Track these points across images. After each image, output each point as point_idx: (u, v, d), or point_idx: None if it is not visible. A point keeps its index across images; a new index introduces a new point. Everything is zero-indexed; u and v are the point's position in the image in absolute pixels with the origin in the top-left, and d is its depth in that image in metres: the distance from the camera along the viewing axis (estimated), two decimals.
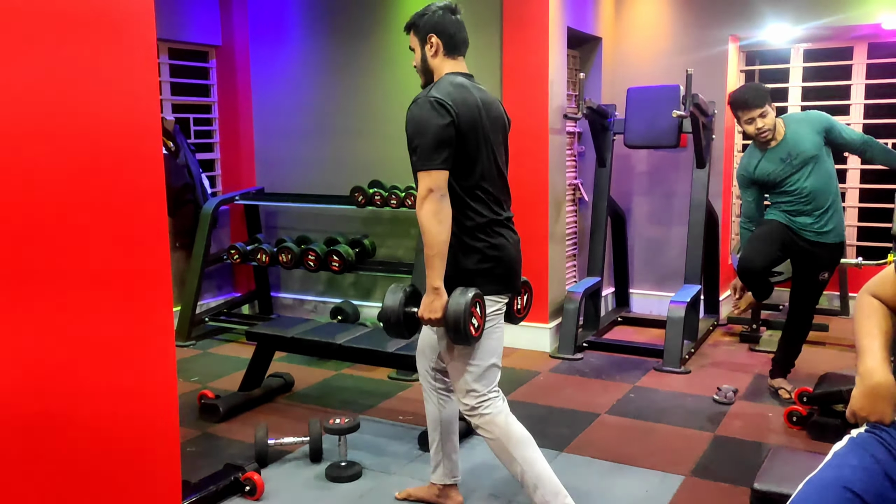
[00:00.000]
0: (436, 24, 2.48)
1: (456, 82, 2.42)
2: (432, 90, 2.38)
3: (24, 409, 1.80)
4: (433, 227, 2.30)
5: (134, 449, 2.06)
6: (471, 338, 2.36)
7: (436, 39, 2.48)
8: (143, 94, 2.02)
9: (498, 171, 2.51)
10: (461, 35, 2.52)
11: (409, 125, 2.38)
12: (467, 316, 2.32)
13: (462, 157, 2.38)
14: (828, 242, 3.70)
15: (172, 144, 5.19)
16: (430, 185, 2.30)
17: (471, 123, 2.38)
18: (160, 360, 2.12)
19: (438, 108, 2.32)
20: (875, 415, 1.64)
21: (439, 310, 2.35)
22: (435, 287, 2.34)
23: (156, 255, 2.08)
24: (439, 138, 2.31)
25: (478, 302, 2.38)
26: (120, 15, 1.95)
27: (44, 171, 1.80)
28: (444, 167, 2.32)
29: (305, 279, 5.73)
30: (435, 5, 2.52)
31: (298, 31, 5.55)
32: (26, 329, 1.78)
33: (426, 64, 2.53)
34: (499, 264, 2.47)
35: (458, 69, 2.51)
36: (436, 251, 2.32)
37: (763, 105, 3.62)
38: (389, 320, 2.46)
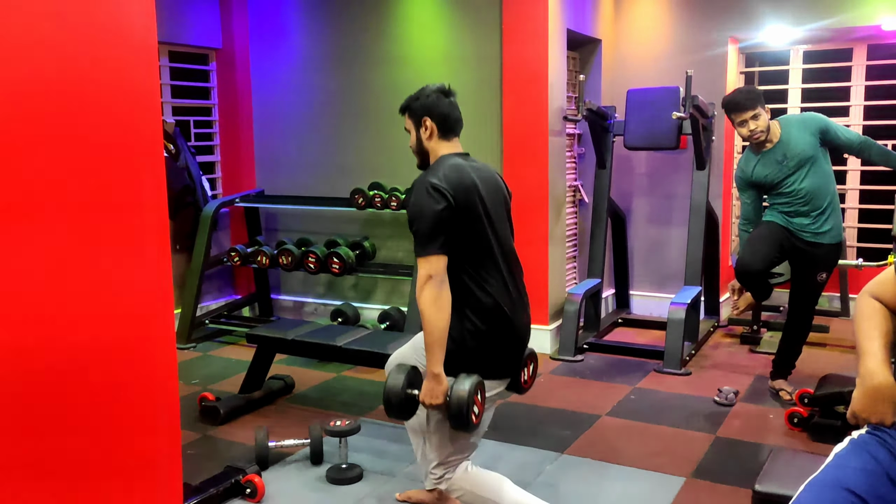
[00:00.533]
0: (430, 106, 2.52)
1: (452, 164, 2.45)
2: (429, 175, 2.41)
3: (24, 409, 1.80)
4: (432, 314, 2.31)
5: (135, 451, 2.06)
6: (471, 425, 2.37)
7: (430, 122, 2.51)
8: (145, 97, 2.02)
9: (503, 246, 2.52)
10: (455, 116, 2.55)
11: (409, 211, 2.43)
12: (470, 405, 2.33)
13: (463, 238, 2.40)
14: (825, 243, 3.71)
15: (173, 147, 5.20)
16: (429, 271, 2.32)
17: (468, 203, 2.40)
18: (161, 363, 2.12)
19: (434, 193, 2.35)
20: (876, 416, 1.64)
21: (441, 396, 2.35)
22: (435, 374, 2.35)
23: (157, 258, 2.09)
24: (436, 224, 2.33)
25: (479, 390, 2.39)
26: (121, 18, 1.95)
27: (44, 174, 1.80)
28: (441, 252, 2.34)
29: (306, 281, 5.73)
30: (429, 88, 2.55)
31: (298, 34, 5.55)
32: (26, 332, 1.78)
33: (421, 146, 2.57)
34: (502, 349, 2.50)
35: (454, 150, 2.54)
36: (435, 338, 2.33)
37: (755, 107, 3.62)
38: (391, 402, 2.45)
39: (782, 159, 3.67)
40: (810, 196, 3.67)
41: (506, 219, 2.60)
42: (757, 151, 3.75)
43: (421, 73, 5.10)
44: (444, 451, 2.53)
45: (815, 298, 3.86)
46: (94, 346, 1.93)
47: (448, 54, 4.99)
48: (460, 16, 4.93)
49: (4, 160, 1.72)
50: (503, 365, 2.53)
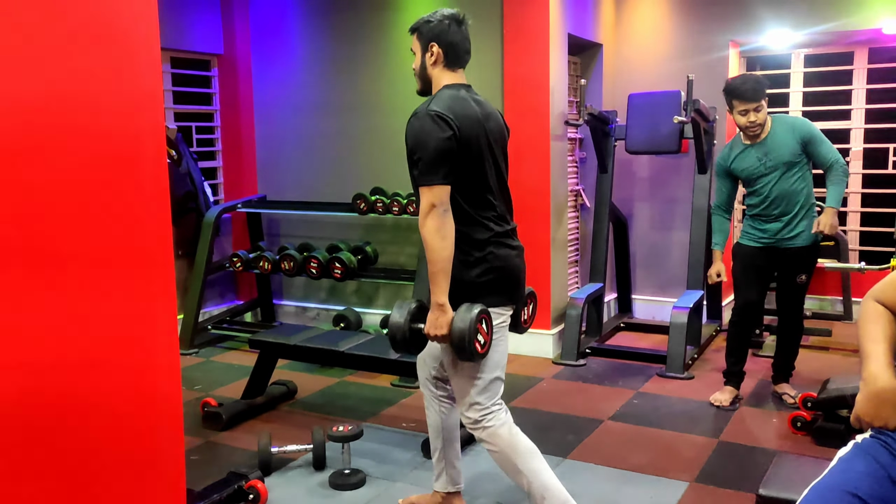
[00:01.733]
0: (440, 33, 2.44)
1: (455, 95, 2.40)
2: (432, 103, 2.35)
3: (29, 416, 1.80)
4: (436, 243, 2.28)
5: (138, 457, 2.06)
6: (476, 355, 2.34)
7: (437, 49, 2.45)
8: (147, 103, 2.03)
9: (500, 182, 2.50)
10: (464, 47, 2.48)
11: (409, 139, 2.35)
12: (473, 333, 2.30)
13: (464, 170, 2.36)
14: (799, 245, 3.73)
15: (175, 153, 5.20)
16: (433, 200, 2.28)
17: (472, 136, 2.35)
18: (164, 369, 2.12)
19: (439, 121, 2.29)
20: (880, 420, 1.63)
21: (445, 326, 2.32)
22: (440, 303, 2.32)
23: (160, 264, 2.09)
24: (440, 152, 2.28)
25: (483, 318, 2.36)
26: (124, 24, 1.96)
27: (47, 180, 1.81)
28: (446, 181, 2.29)
29: (308, 287, 5.73)
30: (441, 13, 2.48)
31: (300, 40, 5.57)
32: (30, 339, 1.78)
33: (424, 71, 2.50)
34: (503, 275, 2.46)
35: (457, 80, 2.48)
36: (439, 267, 2.29)
37: (759, 100, 3.64)
38: (395, 337, 2.43)
39: (763, 157, 3.71)
40: (780, 200, 3.70)
41: (503, 157, 2.54)
42: (744, 142, 3.78)
43: None
44: (468, 390, 2.46)
45: (801, 300, 3.90)
46: (97, 352, 1.93)
47: None
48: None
49: (7, 165, 1.73)
50: (506, 292, 2.48)
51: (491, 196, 2.44)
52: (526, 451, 2.49)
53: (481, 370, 2.45)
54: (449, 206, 2.30)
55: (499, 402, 2.52)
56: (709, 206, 4.93)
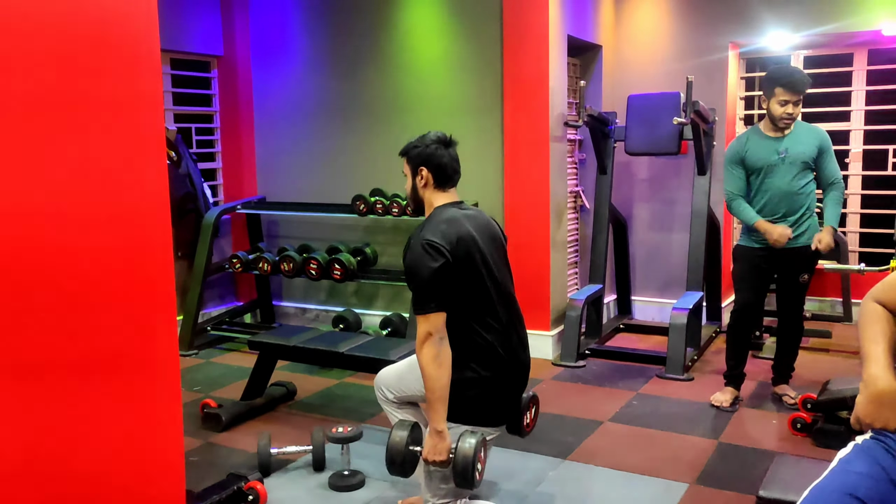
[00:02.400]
0: (428, 156, 2.51)
1: (447, 217, 2.46)
2: (424, 231, 2.42)
3: (32, 418, 1.79)
4: (433, 371, 2.32)
5: (138, 458, 2.06)
6: (475, 483, 2.36)
7: (426, 172, 2.52)
8: (148, 104, 2.03)
9: (502, 292, 2.52)
10: (452, 167, 2.55)
11: (405, 269, 2.44)
12: (475, 463, 2.32)
13: (462, 290, 2.40)
14: (801, 246, 3.72)
15: (174, 154, 5.20)
16: (429, 328, 2.32)
17: (467, 256, 2.41)
18: (164, 370, 2.12)
19: (431, 250, 2.36)
20: (880, 421, 1.63)
21: (444, 452, 2.35)
22: (438, 430, 2.35)
23: (160, 265, 2.09)
24: (433, 281, 2.34)
25: (483, 447, 2.38)
26: (125, 25, 1.96)
27: (45, 182, 1.81)
28: (440, 309, 2.34)
29: (307, 288, 5.73)
30: (429, 137, 2.54)
31: (300, 41, 5.57)
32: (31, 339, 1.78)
33: (416, 193, 2.58)
34: (503, 394, 2.50)
35: (449, 199, 2.55)
36: (437, 395, 2.33)
37: (802, 94, 3.64)
38: (394, 460, 2.44)
39: (782, 151, 3.69)
40: (786, 199, 3.69)
41: (503, 263, 2.60)
42: (766, 133, 3.75)
43: (422, 79, 5.12)
44: (442, 492, 2.52)
45: (802, 300, 3.90)
46: (97, 352, 1.93)
47: (449, 61, 4.99)
48: (461, 22, 4.94)
49: (8, 162, 1.73)
50: (503, 411, 2.54)
51: (492, 308, 2.46)
52: None
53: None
54: (445, 334, 2.35)
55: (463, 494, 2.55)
56: (709, 208, 4.94)
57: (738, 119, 5.69)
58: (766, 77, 3.73)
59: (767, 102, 3.70)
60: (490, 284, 2.47)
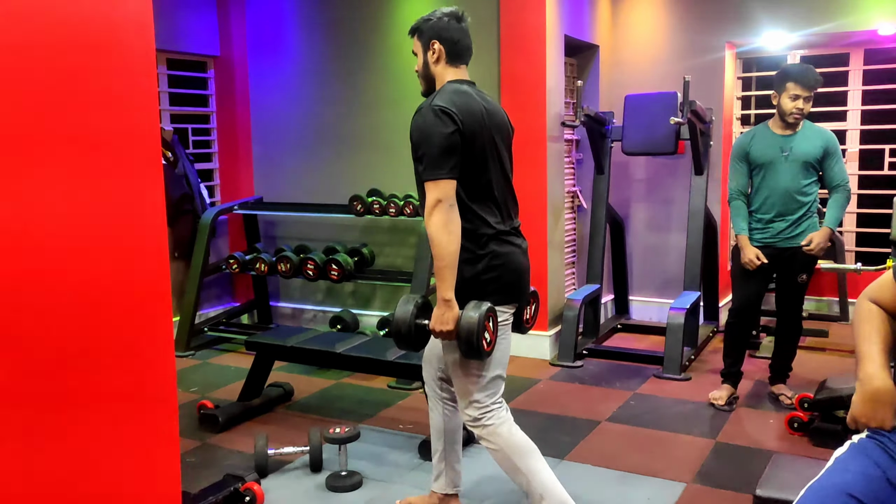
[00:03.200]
0: (440, 30, 2.44)
1: (459, 90, 2.40)
2: (435, 98, 2.35)
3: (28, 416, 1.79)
4: (443, 238, 2.26)
5: (133, 459, 2.05)
6: (483, 352, 2.33)
7: (438, 46, 2.45)
8: (142, 105, 2.02)
9: (505, 178, 2.49)
10: (465, 42, 2.48)
11: (413, 135, 2.34)
12: (480, 330, 2.28)
13: (468, 166, 2.35)
14: (800, 246, 3.73)
15: (171, 155, 5.20)
16: (439, 195, 2.27)
17: (476, 131, 2.35)
18: (160, 370, 2.12)
19: (443, 116, 2.29)
20: (875, 420, 1.63)
21: (451, 322, 2.30)
22: (446, 299, 2.30)
23: (155, 266, 2.08)
24: (445, 147, 2.28)
25: (490, 316, 2.35)
26: (119, 25, 1.96)
27: (41, 182, 1.80)
28: (451, 176, 2.29)
29: (304, 288, 5.72)
30: (440, 11, 2.48)
31: (296, 41, 5.56)
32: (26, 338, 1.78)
33: (427, 70, 2.50)
34: (507, 273, 2.45)
35: (460, 77, 2.49)
36: (446, 262, 2.28)
37: (813, 90, 3.65)
38: (400, 332, 2.40)
39: (786, 148, 3.69)
40: (787, 197, 3.69)
41: (507, 153, 2.53)
42: (773, 130, 3.75)
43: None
44: (469, 387, 2.45)
45: (800, 300, 3.90)
46: (92, 353, 1.93)
47: None
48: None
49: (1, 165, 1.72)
50: (509, 291, 2.47)
51: (494, 192, 2.43)
52: (525, 451, 2.48)
53: (482, 368, 2.44)
54: (455, 201, 2.30)
55: (499, 400, 2.51)
56: (706, 208, 4.95)
57: (734, 119, 5.70)
58: (779, 72, 3.75)
59: (778, 98, 3.71)
60: (492, 167, 2.41)
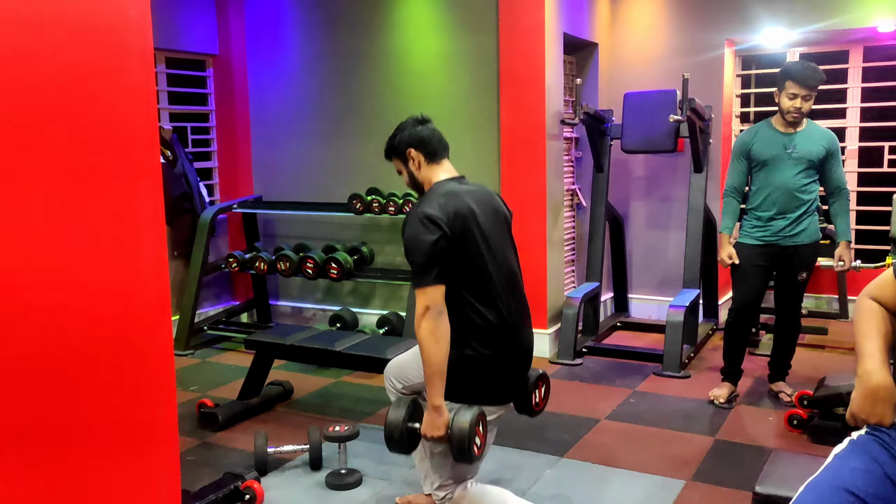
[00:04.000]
0: (409, 137, 2.52)
1: (446, 191, 2.44)
2: (423, 205, 2.41)
3: (24, 419, 1.79)
4: (431, 345, 2.30)
5: (133, 458, 2.05)
6: (474, 457, 2.36)
7: (415, 153, 2.51)
8: (141, 104, 2.02)
9: (503, 269, 2.49)
10: (436, 138, 2.54)
11: (404, 243, 2.42)
12: (472, 436, 2.31)
13: (460, 265, 2.38)
14: (801, 243, 3.73)
15: (170, 153, 5.20)
16: (427, 302, 2.31)
17: (464, 231, 2.38)
18: (159, 369, 2.11)
19: (429, 224, 2.34)
20: (875, 417, 1.63)
21: (442, 428, 2.34)
22: (436, 405, 2.33)
23: (154, 264, 2.08)
24: (431, 255, 2.32)
25: (481, 420, 2.37)
26: (117, 24, 1.95)
27: (40, 180, 1.80)
28: (438, 283, 2.32)
29: (304, 287, 5.72)
30: (403, 123, 2.56)
31: (295, 40, 5.56)
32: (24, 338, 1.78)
33: (414, 179, 2.56)
34: (503, 373, 2.48)
35: (446, 173, 2.54)
36: (435, 370, 2.31)
37: (813, 90, 3.64)
38: (392, 436, 2.43)
39: (789, 147, 3.69)
40: (787, 195, 3.69)
41: (506, 240, 2.57)
42: (776, 127, 3.75)
43: (418, 78, 5.11)
44: (446, 473, 2.52)
45: (800, 298, 3.90)
46: (91, 352, 1.93)
47: (445, 59, 4.99)
48: (457, 21, 4.93)
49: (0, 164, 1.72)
50: (504, 390, 2.52)
51: (491, 286, 2.43)
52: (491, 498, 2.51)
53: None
54: (444, 308, 2.33)
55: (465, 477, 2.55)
56: (705, 205, 4.95)
57: (734, 116, 5.70)
58: (781, 70, 3.75)
59: (779, 96, 3.72)
60: (489, 260, 2.44)
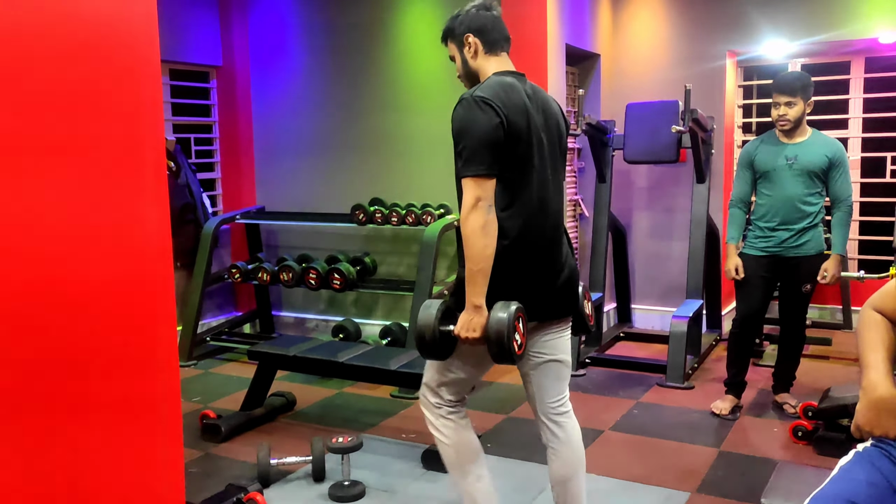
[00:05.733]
0: (470, 22, 2.32)
1: (504, 83, 2.23)
2: (478, 90, 2.19)
3: (28, 425, 1.79)
4: (479, 240, 2.09)
5: (137, 470, 2.05)
6: (515, 355, 2.14)
7: (473, 39, 2.31)
8: (148, 113, 2.03)
9: (546, 181, 2.27)
10: (499, 29, 2.35)
11: (454, 126, 2.18)
12: (511, 331, 2.11)
13: (510, 165, 2.18)
14: (805, 255, 3.72)
15: (173, 164, 5.21)
16: (479, 193, 2.10)
17: (520, 127, 2.18)
18: (163, 380, 2.11)
19: (485, 107, 2.13)
20: (880, 429, 1.63)
21: (479, 329, 2.13)
22: (476, 304, 2.13)
23: (159, 275, 2.08)
24: (487, 141, 2.11)
25: (520, 316, 2.16)
26: (124, 36, 1.96)
27: (45, 192, 1.81)
28: (491, 172, 2.12)
29: (307, 298, 5.72)
30: (467, 6, 2.35)
31: (298, 51, 5.59)
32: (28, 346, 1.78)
33: (468, 68, 2.35)
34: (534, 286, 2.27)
35: (504, 67, 2.34)
36: (480, 266, 2.11)
37: (793, 95, 3.61)
38: (424, 338, 2.21)
39: (791, 158, 3.68)
40: (791, 206, 3.68)
41: (556, 152, 2.34)
42: (779, 138, 3.75)
43: (420, 89, 5.13)
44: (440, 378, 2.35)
45: (805, 309, 3.89)
46: (96, 362, 1.93)
47: (447, 70, 5.00)
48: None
49: (5, 174, 1.73)
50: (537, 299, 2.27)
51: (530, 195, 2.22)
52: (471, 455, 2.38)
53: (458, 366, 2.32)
54: (493, 202, 2.13)
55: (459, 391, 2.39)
56: (708, 216, 4.95)
57: (736, 127, 5.71)
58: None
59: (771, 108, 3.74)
60: (535, 169, 2.22)
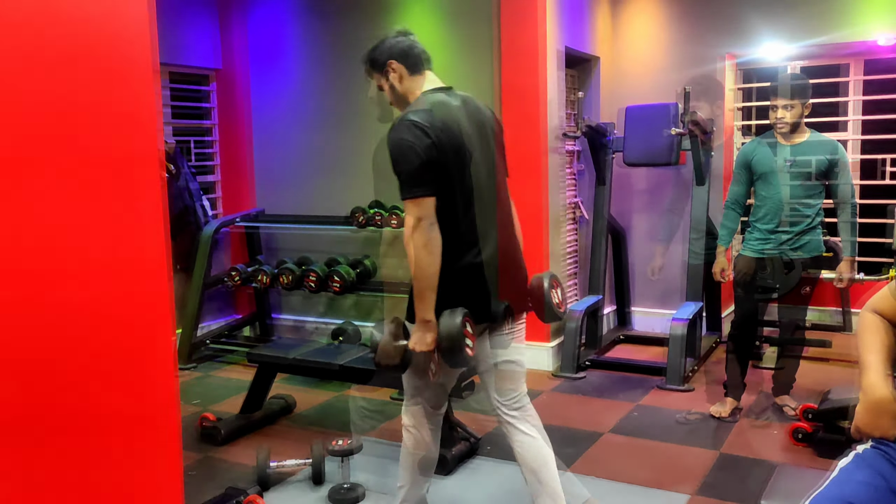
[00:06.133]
0: (391, 49, 2.44)
1: (433, 100, 2.36)
2: (410, 113, 2.31)
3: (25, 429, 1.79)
4: (423, 258, 2.23)
5: (136, 473, 2.05)
6: (467, 358, 2.28)
7: (396, 64, 2.43)
8: (143, 119, 2.03)
9: (488, 186, 2.39)
10: (418, 50, 2.46)
11: (390, 151, 2.29)
12: (461, 339, 2.25)
13: (446, 179, 2.28)
14: (804, 257, 3.73)
15: (173, 168, 5.21)
16: (419, 213, 2.22)
17: (451, 141, 2.28)
18: (162, 384, 2.11)
19: (416, 130, 2.24)
20: (879, 430, 1.63)
21: (432, 342, 2.28)
22: (426, 320, 2.27)
23: (158, 279, 2.08)
24: (421, 162, 2.22)
25: (467, 321, 2.29)
26: (120, 39, 1.97)
27: (42, 196, 1.81)
28: (430, 193, 2.23)
29: (306, 301, 5.72)
30: (382, 38, 2.49)
31: (298, 55, 5.59)
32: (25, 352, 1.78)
33: (396, 93, 2.47)
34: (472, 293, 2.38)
35: (432, 84, 2.45)
36: (426, 283, 2.25)
37: (791, 98, 3.62)
38: (381, 355, 2.38)
39: (790, 159, 3.69)
40: (787, 206, 3.69)
41: (493, 156, 2.45)
42: (778, 140, 3.74)
43: None
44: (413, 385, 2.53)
45: (804, 312, 3.91)
46: (94, 367, 1.93)
47: (445, 73, 4.93)
48: (457, 35, 4.96)
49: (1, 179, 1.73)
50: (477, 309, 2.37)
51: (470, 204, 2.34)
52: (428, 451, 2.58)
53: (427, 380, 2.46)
54: (435, 220, 2.24)
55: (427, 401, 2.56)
56: (707, 218, 4.95)
57: (735, 129, 5.71)
58: None
59: None
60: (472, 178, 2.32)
